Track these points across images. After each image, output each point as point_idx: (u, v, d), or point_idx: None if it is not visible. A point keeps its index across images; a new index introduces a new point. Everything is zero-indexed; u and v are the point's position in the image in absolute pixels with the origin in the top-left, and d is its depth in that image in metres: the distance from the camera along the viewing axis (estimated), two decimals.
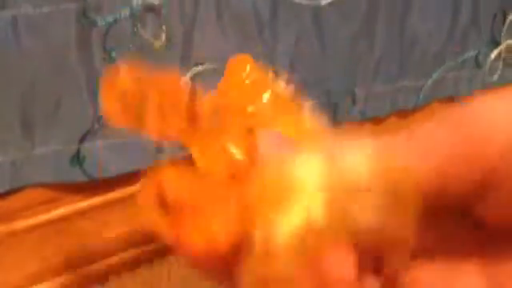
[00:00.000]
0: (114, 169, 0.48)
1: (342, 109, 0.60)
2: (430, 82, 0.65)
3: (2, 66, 0.41)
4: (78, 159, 0.46)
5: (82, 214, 0.50)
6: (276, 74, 0.29)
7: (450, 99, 0.69)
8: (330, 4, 0.53)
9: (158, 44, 0.46)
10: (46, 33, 0.41)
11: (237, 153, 0.25)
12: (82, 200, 0.50)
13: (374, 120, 0.64)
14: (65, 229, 0.50)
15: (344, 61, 0.57)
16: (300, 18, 0.53)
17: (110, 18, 0.43)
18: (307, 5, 0.52)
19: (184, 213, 0.24)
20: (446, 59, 0.65)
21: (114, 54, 0.44)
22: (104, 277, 0.53)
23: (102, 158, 0.47)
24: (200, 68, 0.49)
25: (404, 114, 0.66)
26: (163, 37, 0.46)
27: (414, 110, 0.66)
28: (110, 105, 0.25)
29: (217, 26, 0.49)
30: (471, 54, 0.67)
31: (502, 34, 0.68)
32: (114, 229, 0.52)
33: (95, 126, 0.46)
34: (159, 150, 0.49)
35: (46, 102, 0.43)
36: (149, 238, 0.52)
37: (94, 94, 0.45)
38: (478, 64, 0.68)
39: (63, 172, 0.47)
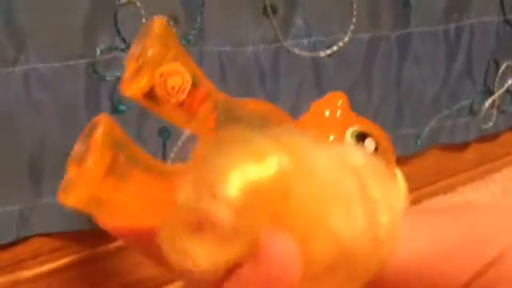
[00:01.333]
0: None
1: None
2: (427, 129, 0.66)
3: (13, 119, 0.42)
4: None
5: (88, 262, 0.51)
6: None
7: (448, 146, 0.71)
8: (328, 55, 0.55)
9: None
10: (56, 88, 0.43)
11: None
12: (88, 249, 0.50)
13: None
14: (71, 278, 0.50)
15: None
16: (300, 68, 0.55)
17: (117, 73, 0.45)
18: (307, 56, 0.54)
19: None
20: (442, 107, 0.67)
21: (121, 108, 0.46)
22: None
23: None
24: None
25: (403, 160, 0.68)
26: None
27: (413, 155, 0.68)
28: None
29: (220, 79, 0.50)
30: (466, 102, 0.68)
31: (495, 83, 0.69)
32: (121, 277, 0.52)
33: None
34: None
35: (55, 153, 0.44)
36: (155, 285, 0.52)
37: None
38: (472, 112, 0.69)
39: (70, 221, 0.47)
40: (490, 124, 0.72)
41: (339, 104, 0.33)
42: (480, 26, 0.66)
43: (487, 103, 0.70)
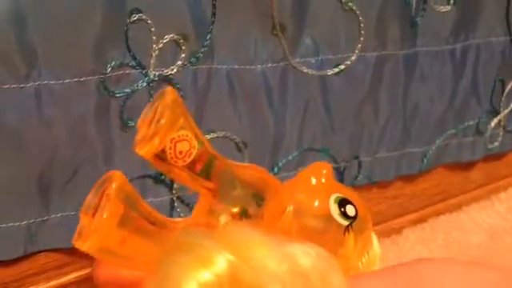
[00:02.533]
0: None
1: (348, 174, 0.61)
2: (433, 148, 0.66)
3: (24, 134, 0.42)
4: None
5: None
6: None
7: (454, 164, 0.71)
8: (336, 74, 0.56)
9: None
10: (67, 104, 0.43)
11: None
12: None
13: (380, 185, 0.65)
14: None
15: (349, 128, 0.59)
16: (308, 87, 0.55)
17: (127, 89, 0.45)
18: (315, 74, 0.55)
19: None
20: (448, 126, 0.67)
21: (130, 124, 0.46)
22: None
23: None
24: (212, 136, 0.51)
25: (409, 178, 0.68)
26: None
27: (419, 174, 0.68)
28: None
29: (228, 97, 0.51)
30: (472, 121, 0.69)
31: (501, 103, 0.70)
32: None
33: None
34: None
35: (64, 169, 0.45)
36: None
37: (109, 163, 0.46)
38: (478, 131, 0.69)
39: None
40: (496, 144, 0.72)
41: (324, 172, 0.36)
42: (486, 45, 0.66)
43: (493, 123, 0.70)
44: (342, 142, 0.59)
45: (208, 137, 0.51)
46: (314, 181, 0.37)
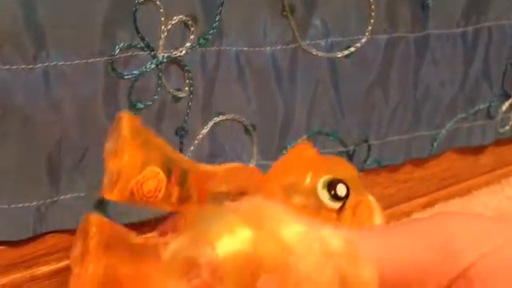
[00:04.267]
0: (133, 215, 0.49)
1: (357, 158, 0.61)
2: (443, 132, 0.66)
3: (32, 116, 0.42)
4: (102, 205, 0.48)
5: None
6: None
7: (464, 148, 0.70)
8: (346, 56, 0.55)
9: (181, 95, 0.48)
10: (76, 85, 0.43)
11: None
12: None
13: (390, 168, 0.65)
14: None
15: (359, 111, 0.59)
16: (317, 69, 0.55)
17: (136, 71, 0.45)
18: (324, 57, 0.54)
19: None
20: (459, 110, 0.66)
21: (139, 106, 0.46)
22: None
23: (122, 205, 0.48)
24: (221, 118, 0.51)
25: (419, 162, 0.68)
26: (186, 89, 0.48)
27: (429, 158, 0.68)
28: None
29: (237, 79, 0.50)
30: (483, 105, 0.68)
31: None
32: None
33: None
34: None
35: (73, 151, 0.45)
36: None
37: None
38: (489, 115, 0.69)
39: None
40: (507, 127, 0.71)
41: (309, 153, 0.36)
42: (498, 29, 0.65)
43: (504, 107, 0.70)
44: (352, 125, 0.59)
45: (217, 119, 0.51)
46: (298, 163, 0.36)
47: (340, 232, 0.27)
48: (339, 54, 0.55)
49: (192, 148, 0.50)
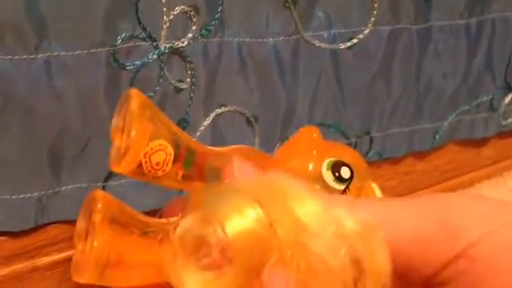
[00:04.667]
0: (137, 206, 0.49)
1: (359, 150, 0.61)
2: (445, 124, 0.66)
3: (34, 107, 0.42)
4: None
5: None
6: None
7: (466, 141, 0.70)
8: (348, 48, 0.55)
9: (183, 86, 0.48)
10: (77, 76, 0.43)
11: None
12: None
13: (391, 161, 0.65)
14: None
15: (361, 103, 0.59)
16: (320, 60, 0.54)
17: (138, 62, 0.45)
18: (327, 48, 0.54)
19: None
20: (461, 102, 0.66)
21: None
22: None
23: (126, 195, 0.48)
24: (223, 109, 0.51)
25: (421, 154, 0.67)
26: (188, 80, 0.48)
27: (431, 151, 0.67)
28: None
29: (239, 71, 0.50)
30: (485, 98, 0.68)
31: None
32: None
33: None
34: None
35: (75, 141, 0.45)
36: None
37: None
38: (492, 108, 0.69)
39: None
40: (510, 120, 0.71)
41: (314, 137, 0.36)
42: (502, 21, 0.65)
43: (507, 99, 0.69)
44: (354, 117, 0.59)
45: (219, 111, 0.51)
46: (304, 146, 0.36)
47: (355, 213, 0.26)
48: (342, 46, 0.54)
49: (193, 139, 0.50)
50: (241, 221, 0.25)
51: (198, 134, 0.50)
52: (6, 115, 0.41)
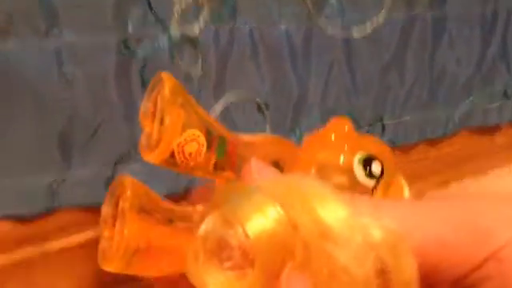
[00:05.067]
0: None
1: None
2: (459, 112, 0.65)
3: (44, 93, 0.42)
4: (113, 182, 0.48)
5: None
6: None
7: (479, 128, 0.69)
8: (362, 36, 0.54)
9: (194, 74, 0.47)
10: (88, 62, 0.43)
11: None
12: None
13: (403, 148, 0.65)
14: (97, 250, 0.51)
15: (374, 91, 0.58)
16: (332, 48, 0.54)
17: (149, 49, 0.45)
18: (339, 36, 0.53)
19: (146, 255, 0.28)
20: (475, 90, 0.66)
21: None
22: None
23: (136, 179, 0.48)
24: (233, 97, 0.50)
25: (433, 141, 0.67)
26: (199, 67, 0.47)
27: (443, 137, 0.67)
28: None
29: (251, 57, 0.50)
30: (499, 86, 0.67)
31: None
32: None
33: (131, 152, 0.47)
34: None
35: (85, 127, 0.44)
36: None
37: (131, 122, 0.46)
38: (506, 95, 0.68)
39: (98, 195, 0.48)
40: None
41: (346, 129, 0.35)
42: None
43: None
44: (366, 105, 0.58)
45: (229, 98, 0.50)
46: (334, 138, 0.36)
47: (380, 217, 0.25)
48: (355, 34, 0.54)
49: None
50: (262, 221, 0.24)
51: None
52: (16, 101, 0.41)
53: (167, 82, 0.29)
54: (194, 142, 0.29)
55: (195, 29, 0.46)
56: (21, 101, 0.41)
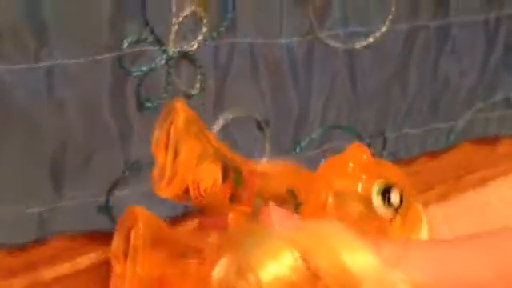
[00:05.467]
0: None
1: (372, 151, 0.58)
2: (460, 123, 0.63)
3: (34, 117, 0.39)
4: (106, 207, 0.45)
5: (108, 263, 0.48)
6: None
7: (480, 139, 0.68)
8: (364, 47, 0.52)
9: (192, 92, 0.45)
10: (80, 84, 0.40)
11: None
12: (109, 247, 0.48)
13: (404, 160, 0.63)
14: (91, 277, 0.48)
15: (376, 104, 0.56)
16: (334, 61, 0.52)
17: (145, 67, 0.42)
18: (342, 48, 0.51)
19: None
20: (477, 100, 0.64)
21: (148, 105, 0.43)
22: None
23: (131, 204, 0.46)
24: (232, 115, 0.48)
25: (434, 154, 0.65)
26: (197, 85, 0.45)
27: (444, 150, 0.65)
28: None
29: (251, 73, 0.48)
30: (502, 95, 0.65)
31: None
32: None
33: (125, 174, 0.45)
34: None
35: (77, 154, 0.42)
36: None
37: (125, 143, 0.44)
38: (508, 105, 0.66)
39: (91, 221, 0.45)
40: None
41: (364, 157, 0.34)
42: None
43: None
44: (368, 118, 0.56)
45: (228, 116, 0.48)
46: (352, 166, 0.34)
47: (412, 274, 0.24)
48: (358, 45, 0.52)
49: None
50: (276, 268, 0.23)
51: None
52: (5, 127, 0.39)
53: (181, 111, 0.27)
54: (209, 178, 0.28)
55: (193, 45, 0.44)
56: (9, 126, 0.39)
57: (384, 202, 0.33)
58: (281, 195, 0.31)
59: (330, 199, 0.33)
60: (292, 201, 0.31)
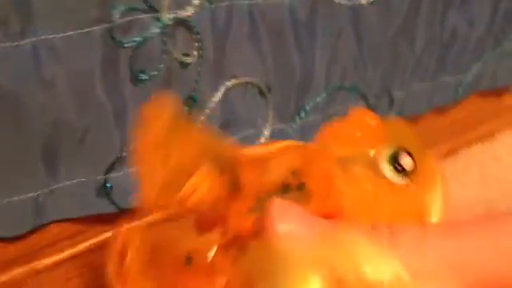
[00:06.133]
0: None
1: (378, 111, 0.56)
2: (469, 75, 0.61)
3: (23, 98, 0.36)
4: (105, 190, 0.42)
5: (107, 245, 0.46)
6: None
7: (486, 92, 0.65)
8: (370, 3, 0.49)
9: (189, 60, 0.42)
10: (69, 59, 0.37)
11: None
12: (108, 231, 0.46)
13: (411, 118, 0.60)
14: (91, 262, 0.46)
15: (382, 62, 0.53)
16: (339, 18, 0.48)
17: (138, 38, 0.39)
18: (347, 4, 0.48)
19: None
20: (486, 51, 0.61)
21: (142, 77, 0.40)
22: None
23: (130, 185, 0.43)
24: (233, 82, 0.45)
25: (441, 110, 0.63)
26: (195, 53, 0.42)
27: (452, 106, 0.63)
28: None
29: (251, 37, 0.44)
30: (510, 44, 0.62)
31: None
32: None
33: (123, 153, 0.42)
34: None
35: (71, 135, 0.39)
36: None
37: (121, 120, 0.41)
38: None
39: (90, 204, 0.43)
40: None
41: (369, 122, 0.32)
42: None
43: None
44: (374, 76, 0.53)
45: (229, 84, 0.45)
46: (359, 135, 0.32)
47: (429, 266, 0.23)
48: (363, 1, 0.48)
49: (202, 118, 0.44)
50: None
51: (207, 111, 0.44)
52: None
53: (166, 114, 0.24)
54: (201, 188, 0.26)
55: (189, 11, 0.40)
56: None
57: (395, 169, 0.30)
58: (283, 180, 0.28)
59: (336, 172, 0.30)
60: (295, 182, 0.29)
